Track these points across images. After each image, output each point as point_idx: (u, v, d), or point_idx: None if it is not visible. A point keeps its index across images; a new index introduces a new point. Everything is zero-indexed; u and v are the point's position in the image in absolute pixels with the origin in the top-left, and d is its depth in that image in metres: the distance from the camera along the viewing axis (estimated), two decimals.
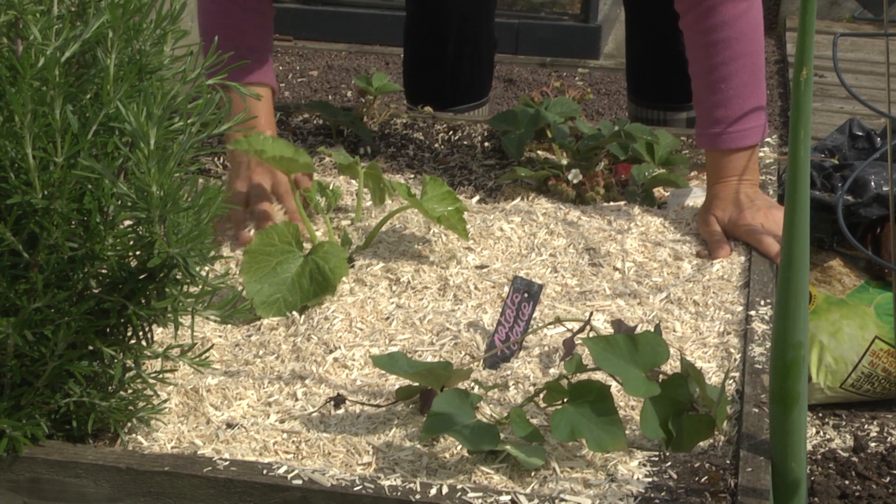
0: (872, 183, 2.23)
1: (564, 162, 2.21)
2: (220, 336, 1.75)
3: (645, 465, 1.42)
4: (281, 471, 1.36)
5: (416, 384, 1.55)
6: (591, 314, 1.72)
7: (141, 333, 1.45)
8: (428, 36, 2.82)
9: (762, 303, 1.77)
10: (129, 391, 1.50)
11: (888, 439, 2.02)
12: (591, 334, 1.65)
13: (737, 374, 1.63)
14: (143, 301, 1.41)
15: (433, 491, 1.34)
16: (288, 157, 1.89)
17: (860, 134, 2.42)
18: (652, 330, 1.55)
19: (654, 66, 2.81)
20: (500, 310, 1.77)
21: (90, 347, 1.42)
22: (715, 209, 2.04)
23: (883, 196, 2.21)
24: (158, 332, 1.68)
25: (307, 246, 1.86)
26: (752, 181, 2.10)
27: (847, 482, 1.88)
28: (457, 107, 2.81)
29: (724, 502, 1.34)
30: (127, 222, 1.39)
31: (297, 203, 1.95)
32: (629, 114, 2.95)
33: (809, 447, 2.00)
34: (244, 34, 2.19)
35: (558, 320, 1.70)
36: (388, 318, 1.78)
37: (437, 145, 2.42)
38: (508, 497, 1.32)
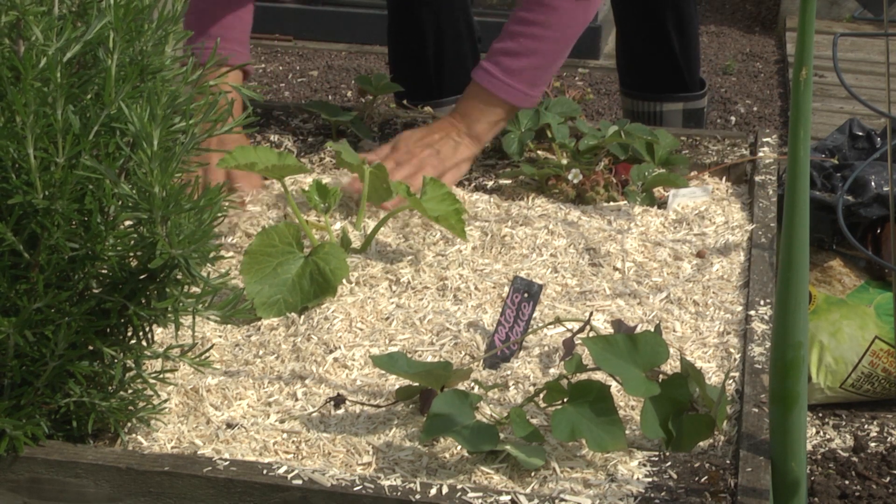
0: (872, 183, 2.23)
1: (564, 162, 2.21)
2: (220, 336, 1.75)
3: (645, 465, 1.42)
4: (281, 471, 1.36)
5: (416, 384, 1.56)
6: (591, 314, 1.72)
7: (141, 334, 1.46)
8: (406, 32, 2.83)
9: (762, 303, 1.78)
10: (130, 391, 1.50)
11: (888, 439, 2.02)
12: (591, 334, 1.65)
13: (737, 374, 1.63)
14: (143, 301, 1.41)
15: (433, 491, 1.34)
16: (278, 164, 1.90)
17: (860, 134, 2.42)
18: (652, 330, 1.55)
19: (646, 56, 2.81)
20: (500, 310, 1.77)
21: (90, 347, 1.42)
22: (407, 134, 2.18)
23: (883, 196, 2.21)
24: (158, 333, 1.68)
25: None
26: (471, 135, 2.18)
27: (847, 482, 1.88)
28: (444, 99, 2.82)
29: (724, 502, 1.34)
30: (127, 222, 1.39)
31: (293, 205, 1.95)
32: (624, 109, 2.95)
33: (809, 447, 2.00)
34: (213, 17, 2.24)
35: (558, 320, 1.70)
36: (388, 318, 1.78)
37: None
38: (508, 497, 1.32)
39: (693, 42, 2.82)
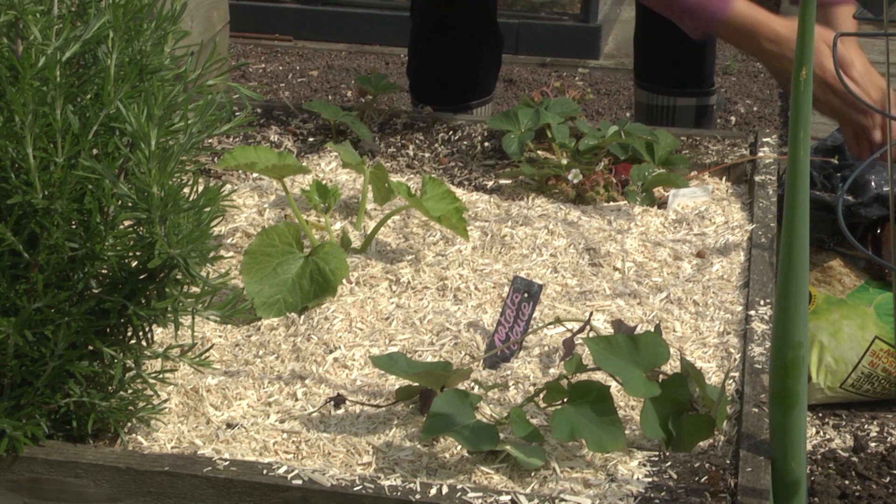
0: (872, 183, 2.23)
1: (564, 162, 2.21)
2: (220, 336, 1.75)
3: (645, 465, 1.42)
4: (281, 471, 1.36)
5: (416, 384, 1.55)
6: (591, 314, 1.72)
7: (141, 333, 1.46)
8: (439, 33, 2.83)
9: (762, 303, 1.77)
10: (129, 391, 1.50)
11: (888, 439, 2.02)
12: (591, 334, 1.65)
13: (737, 374, 1.63)
14: (143, 301, 1.41)
15: (433, 491, 1.34)
16: (278, 164, 1.90)
17: None
18: (652, 330, 1.55)
19: (667, 49, 2.81)
20: (500, 310, 1.77)
21: (90, 347, 1.42)
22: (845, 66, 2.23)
23: (883, 196, 2.21)
24: (158, 332, 1.68)
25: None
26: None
27: (847, 482, 1.88)
28: (467, 103, 2.82)
29: (724, 502, 1.34)
30: (127, 222, 1.39)
31: (293, 205, 1.95)
32: (637, 102, 2.95)
33: (809, 447, 2.00)
34: None
35: (558, 320, 1.70)
36: (387, 318, 1.78)
37: (437, 145, 2.42)
38: (508, 497, 1.32)
39: (711, 37, 2.82)
